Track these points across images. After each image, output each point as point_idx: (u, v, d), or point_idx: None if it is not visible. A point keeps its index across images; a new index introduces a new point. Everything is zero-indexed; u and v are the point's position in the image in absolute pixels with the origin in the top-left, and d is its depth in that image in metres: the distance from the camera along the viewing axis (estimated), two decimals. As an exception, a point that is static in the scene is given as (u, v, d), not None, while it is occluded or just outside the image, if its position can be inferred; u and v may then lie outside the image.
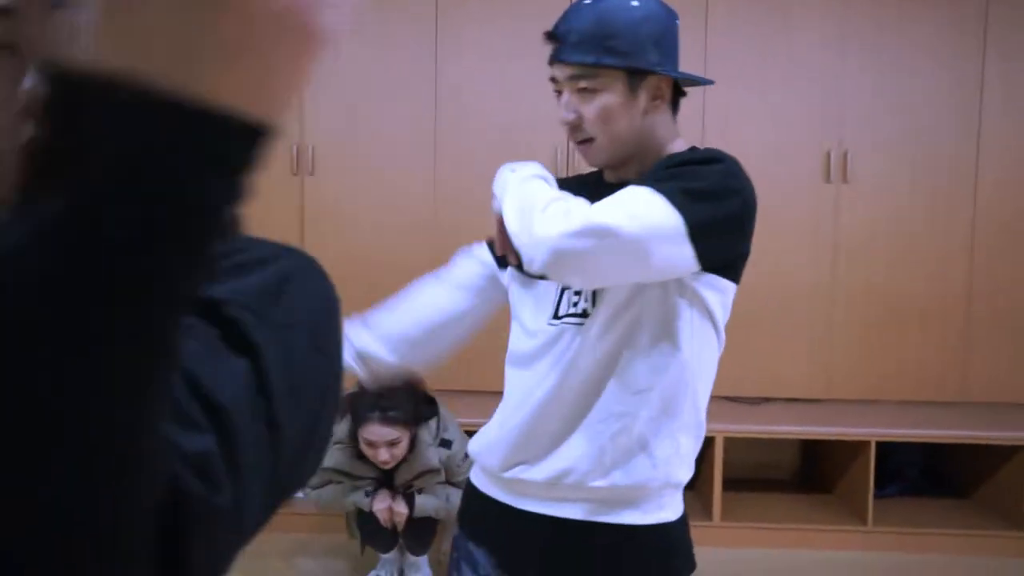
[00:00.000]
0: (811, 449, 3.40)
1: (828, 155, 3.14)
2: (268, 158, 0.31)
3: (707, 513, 2.91)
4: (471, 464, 1.55)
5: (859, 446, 2.92)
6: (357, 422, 2.19)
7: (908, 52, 3.10)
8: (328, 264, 1.32)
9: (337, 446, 2.25)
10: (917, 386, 3.18)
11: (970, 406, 3.16)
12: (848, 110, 3.13)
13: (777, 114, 3.14)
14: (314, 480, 2.29)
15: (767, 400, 3.24)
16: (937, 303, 3.16)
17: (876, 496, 2.97)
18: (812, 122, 3.15)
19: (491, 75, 3.19)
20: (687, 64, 1.23)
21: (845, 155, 3.13)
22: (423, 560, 2.43)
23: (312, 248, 2.82)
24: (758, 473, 3.40)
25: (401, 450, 2.20)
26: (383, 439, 2.15)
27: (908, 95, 3.11)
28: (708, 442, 2.91)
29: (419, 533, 2.36)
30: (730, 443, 3.04)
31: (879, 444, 2.92)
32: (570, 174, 1.47)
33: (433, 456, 2.25)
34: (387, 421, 2.13)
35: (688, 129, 3.09)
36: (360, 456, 2.26)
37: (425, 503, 2.28)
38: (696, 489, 3.10)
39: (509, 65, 3.16)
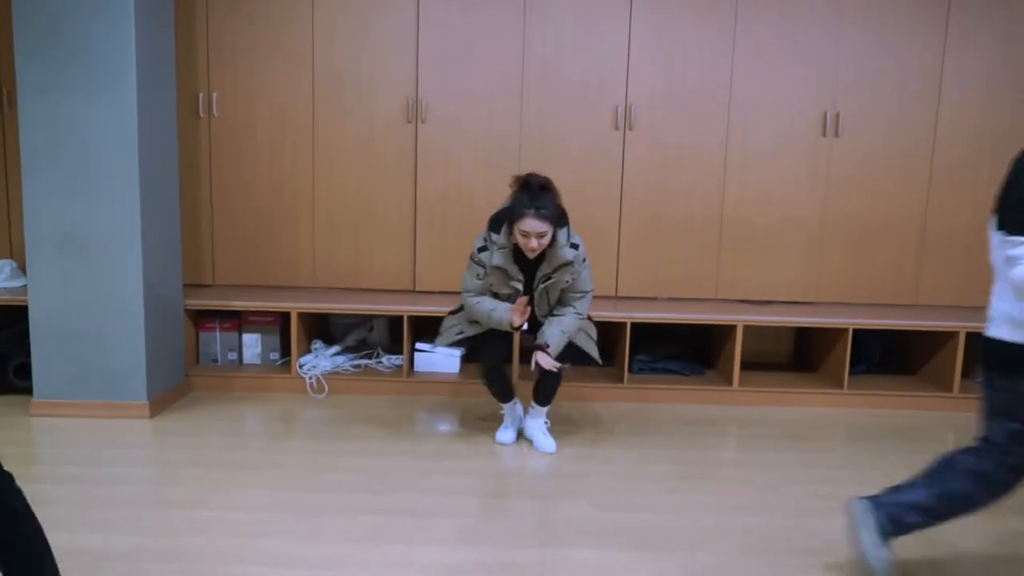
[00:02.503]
0: (801, 339, 4.46)
1: (825, 115, 4.10)
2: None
3: (728, 381, 3.95)
4: (586, 265, 2.98)
5: (840, 333, 3.97)
6: (515, 217, 2.88)
7: (887, 35, 4.06)
8: (436, 198, 2.88)
9: (501, 250, 2.98)
10: (884, 292, 4.25)
11: (921, 307, 4.24)
12: (841, 80, 4.08)
13: (788, 83, 4.08)
14: (475, 287, 3.06)
15: (770, 302, 4.26)
16: (899, 228, 4.20)
17: (850, 373, 4.06)
18: (812, 89, 4.09)
19: (570, 39, 4.06)
20: (719, 46, 2.14)
21: (838, 115, 4.10)
22: (545, 410, 3.37)
23: (423, 185, 4.28)
24: (762, 358, 4.47)
25: (546, 241, 2.90)
26: (535, 230, 2.86)
27: (886, 69, 4.08)
28: (730, 330, 3.95)
29: (548, 384, 3.20)
30: (746, 331, 4.09)
31: (855, 332, 3.98)
32: (639, 131, 2.38)
33: (567, 253, 2.97)
34: (539, 217, 2.85)
35: (718, 95, 4.06)
36: (516, 260, 3.00)
37: (562, 324, 3.02)
38: (719, 366, 4.14)
39: (586, 32, 4.03)
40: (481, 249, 3.04)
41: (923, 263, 4.24)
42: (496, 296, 3.11)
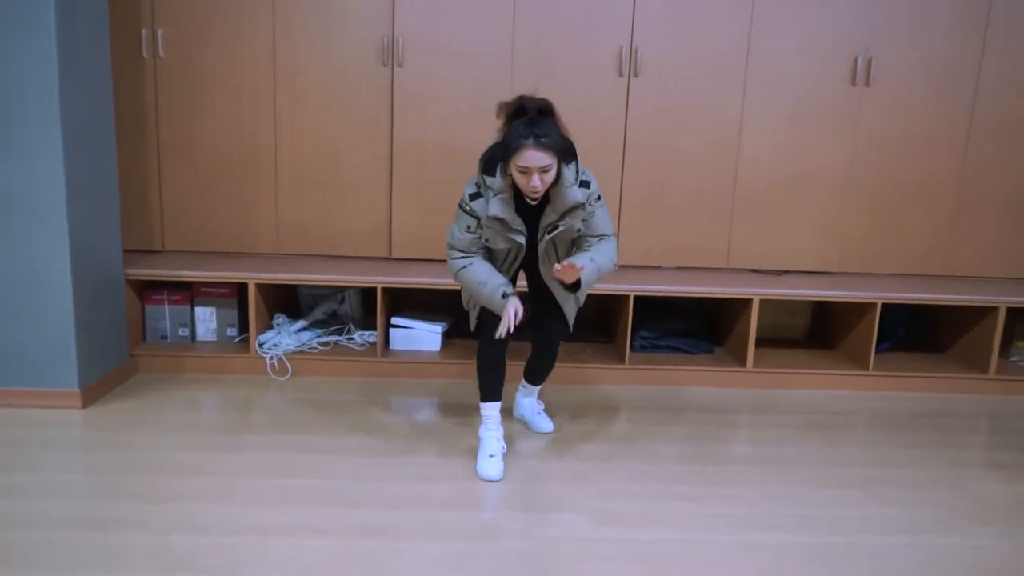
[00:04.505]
0: (819, 312, 4.05)
1: (855, 61, 3.62)
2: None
3: (741, 361, 3.54)
4: (601, 204, 2.46)
5: (866, 308, 3.56)
6: (511, 151, 2.30)
7: (929, -30, 3.56)
8: (415, 152, 2.25)
9: (499, 196, 2.40)
10: (911, 261, 3.83)
11: (954, 279, 3.83)
12: (876, 22, 3.59)
13: (815, 24, 3.59)
14: (464, 242, 2.47)
15: (787, 272, 3.84)
16: (931, 193, 3.76)
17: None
18: (842, 32, 3.60)
19: (565, -22, 3.54)
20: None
21: (870, 62, 3.62)
22: (536, 390, 2.91)
23: (400, 137, 3.56)
24: (776, 333, 4.06)
25: (550, 177, 2.32)
26: (536, 164, 2.27)
27: (926, 10, 3.59)
28: (744, 304, 3.53)
29: (543, 360, 2.75)
30: (762, 305, 3.66)
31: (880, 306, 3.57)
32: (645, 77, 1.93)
33: (577, 194, 2.39)
34: (540, 147, 2.26)
35: (737, 38, 3.58)
36: (517, 208, 2.44)
37: (595, 255, 2.44)
38: (730, 343, 3.73)
39: (582, -31, 3.51)
40: (473, 196, 2.44)
41: (959, 229, 3.81)
42: (491, 253, 2.54)
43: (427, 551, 2.07)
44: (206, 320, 3.57)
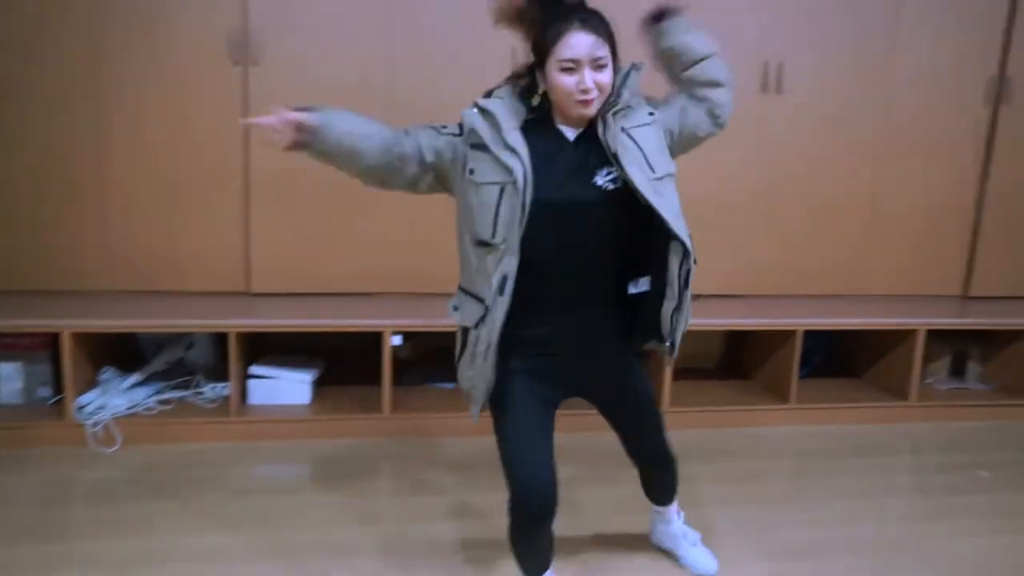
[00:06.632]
0: (733, 340, 3.75)
1: (766, 66, 3.34)
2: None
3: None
4: None
5: (787, 335, 3.27)
6: (548, 44, 1.60)
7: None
8: (278, 164, 1.50)
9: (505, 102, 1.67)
10: (827, 281, 3.59)
11: (867, 298, 3.62)
12: (787, 31, 3.32)
13: (722, 25, 3.27)
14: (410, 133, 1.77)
15: (696, 296, 3.50)
16: (846, 209, 3.53)
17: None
18: (752, 34, 3.31)
19: (450, -34, 3.05)
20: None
21: (780, 67, 3.35)
22: (672, 509, 2.09)
23: (260, 141, 2.71)
24: (686, 363, 3.72)
25: (606, 79, 1.61)
26: (586, 53, 1.57)
27: (839, 10, 3.34)
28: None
29: (660, 465, 2.01)
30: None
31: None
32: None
33: (640, 105, 1.70)
34: (589, 28, 1.59)
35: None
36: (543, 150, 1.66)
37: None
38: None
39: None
40: (486, 96, 1.73)
41: (875, 246, 3.59)
42: (473, 217, 1.67)
43: None
44: (10, 379, 2.85)
